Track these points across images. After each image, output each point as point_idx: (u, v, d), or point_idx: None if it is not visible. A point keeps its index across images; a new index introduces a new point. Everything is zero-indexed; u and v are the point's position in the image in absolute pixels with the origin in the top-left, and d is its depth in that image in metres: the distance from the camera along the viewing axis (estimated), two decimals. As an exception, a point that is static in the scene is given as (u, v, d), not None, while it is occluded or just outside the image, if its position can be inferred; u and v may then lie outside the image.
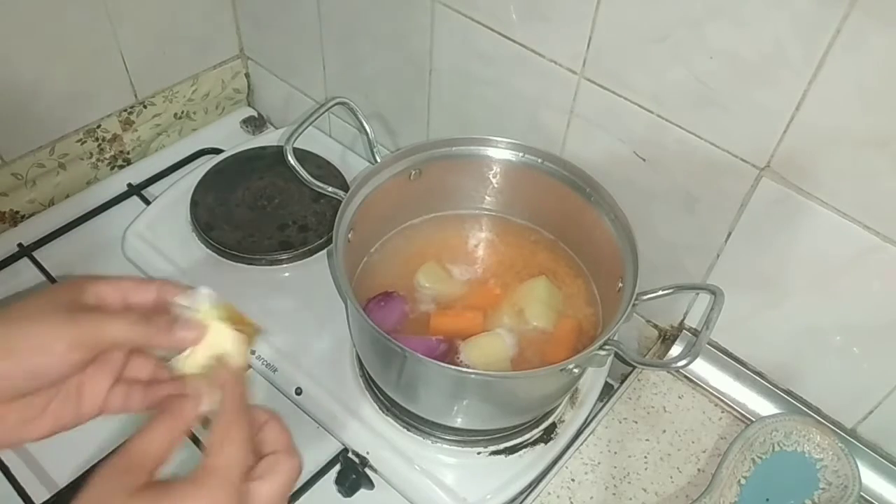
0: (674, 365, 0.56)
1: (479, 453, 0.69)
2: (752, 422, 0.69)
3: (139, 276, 0.46)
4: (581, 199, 0.70)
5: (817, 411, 0.70)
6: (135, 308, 0.44)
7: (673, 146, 0.65)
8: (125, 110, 0.98)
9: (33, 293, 0.41)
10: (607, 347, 0.58)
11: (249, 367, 0.43)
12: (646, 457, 0.70)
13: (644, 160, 0.68)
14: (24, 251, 0.87)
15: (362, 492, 0.70)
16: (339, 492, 0.70)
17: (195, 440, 0.72)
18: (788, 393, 0.71)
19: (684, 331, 0.77)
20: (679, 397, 0.75)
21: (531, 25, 0.68)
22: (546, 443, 0.70)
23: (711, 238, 0.68)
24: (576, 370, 0.60)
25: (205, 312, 0.43)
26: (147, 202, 0.93)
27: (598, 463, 0.69)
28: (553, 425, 0.72)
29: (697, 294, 0.74)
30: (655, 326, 0.80)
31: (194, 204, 0.88)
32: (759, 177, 0.61)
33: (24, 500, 0.66)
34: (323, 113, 0.69)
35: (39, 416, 0.42)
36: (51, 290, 0.42)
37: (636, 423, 0.72)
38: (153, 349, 0.45)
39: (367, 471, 0.70)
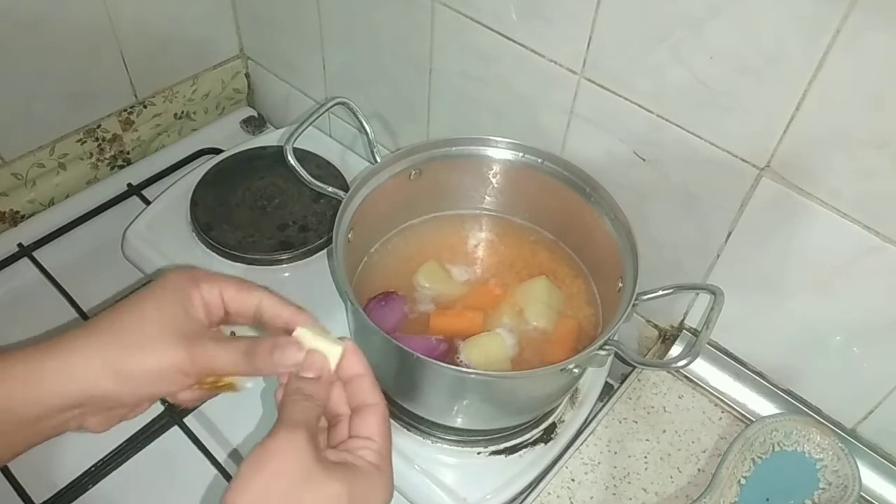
0: (674, 365, 0.56)
1: (479, 453, 0.69)
2: (752, 422, 0.69)
3: (240, 278, 0.49)
4: (581, 199, 0.70)
5: (817, 411, 0.70)
6: (237, 317, 0.47)
7: (673, 146, 0.64)
8: (125, 110, 0.98)
9: (141, 302, 0.43)
10: (607, 347, 0.58)
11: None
12: (646, 457, 0.70)
13: (644, 160, 0.68)
14: (24, 251, 0.87)
15: (362, 492, 0.70)
16: (340, 491, 0.70)
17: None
18: (788, 393, 0.71)
19: (684, 331, 0.77)
20: (679, 397, 0.75)
21: (531, 25, 0.68)
22: (546, 443, 0.70)
23: (711, 238, 0.68)
24: (576, 370, 0.60)
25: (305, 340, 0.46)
26: (147, 202, 0.93)
27: (598, 463, 0.69)
28: (553, 425, 0.72)
29: (697, 294, 0.74)
30: (655, 326, 0.80)
31: (194, 204, 0.88)
32: (759, 177, 0.61)
33: (23, 500, 0.66)
34: (323, 113, 0.69)
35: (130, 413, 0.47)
36: (159, 302, 0.44)
37: (636, 423, 0.72)
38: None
39: (367, 471, 0.70)
